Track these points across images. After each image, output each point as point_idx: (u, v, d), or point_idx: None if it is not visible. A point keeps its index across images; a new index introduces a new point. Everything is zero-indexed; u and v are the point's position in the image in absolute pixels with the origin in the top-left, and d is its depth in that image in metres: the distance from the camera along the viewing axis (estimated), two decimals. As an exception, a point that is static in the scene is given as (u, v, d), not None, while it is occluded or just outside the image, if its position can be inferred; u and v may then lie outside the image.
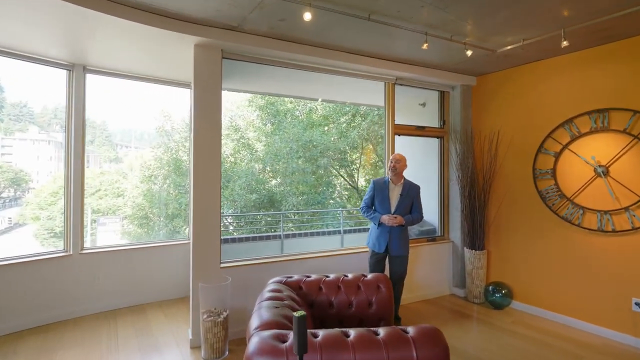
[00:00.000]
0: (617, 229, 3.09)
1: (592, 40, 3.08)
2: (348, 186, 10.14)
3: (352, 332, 1.60)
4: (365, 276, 2.57)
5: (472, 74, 4.14)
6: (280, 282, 2.42)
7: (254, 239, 4.63)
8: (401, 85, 4.04)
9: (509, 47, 3.20)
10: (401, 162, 3.22)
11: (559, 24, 2.76)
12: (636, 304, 2.99)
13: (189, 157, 4.36)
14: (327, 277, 2.55)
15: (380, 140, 9.41)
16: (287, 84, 4.25)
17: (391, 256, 3.22)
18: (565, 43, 2.81)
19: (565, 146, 3.43)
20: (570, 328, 3.34)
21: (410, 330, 1.63)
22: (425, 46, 2.85)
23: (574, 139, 3.37)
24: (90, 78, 3.63)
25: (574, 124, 3.37)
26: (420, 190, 3.29)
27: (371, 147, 9.64)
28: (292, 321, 1.83)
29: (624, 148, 3.06)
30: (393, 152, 3.97)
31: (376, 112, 9.04)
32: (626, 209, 3.04)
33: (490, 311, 3.79)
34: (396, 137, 4.03)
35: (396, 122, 4.02)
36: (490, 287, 3.88)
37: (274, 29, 2.87)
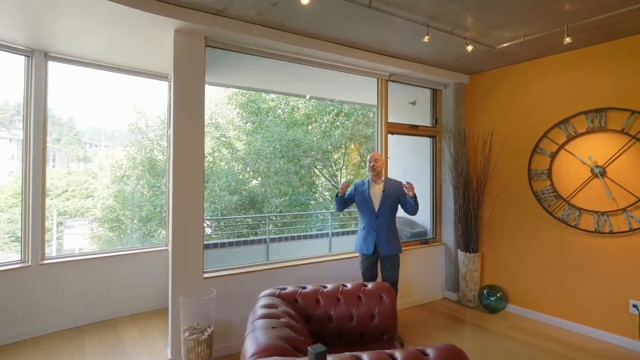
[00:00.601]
0: (614, 230, 3.05)
1: (593, 38, 3.01)
2: (330, 186, 9.95)
3: (366, 357, 1.39)
4: (366, 285, 2.37)
5: (465, 72, 4.04)
6: (273, 295, 2.17)
7: (237, 243, 4.33)
8: (394, 82, 3.88)
9: (508, 44, 3.09)
10: (379, 161, 3.09)
11: (562, 19, 2.67)
12: (633, 306, 2.95)
13: (167, 155, 4.02)
14: (325, 287, 2.33)
15: (364, 140, 9.29)
16: (274, 79, 3.99)
17: (381, 257, 3.04)
18: (568, 39, 2.72)
19: (562, 146, 3.36)
20: (567, 331, 3.28)
21: (430, 352, 1.43)
22: (426, 39, 2.69)
23: (570, 139, 3.31)
24: (53, 66, 3.24)
25: (570, 123, 3.31)
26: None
27: (353, 147, 9.50)
28: (293, 344, 1.59)
29: (621, 148, 3.01)
30: (386, 151, 3.80)
31: (360, 112, 8.91)
32: (624, 210, 2.99)
33: (485, 315, 3.68)
34: (388, 136, 3.85)
35: (388, 121, 3.84)
36: (485, 291, 3.78)
37: (263, 14, 2.61)
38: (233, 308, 2.84)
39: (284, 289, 2.27)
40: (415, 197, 2.91)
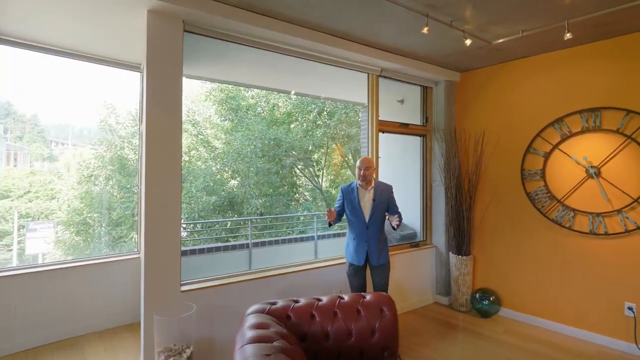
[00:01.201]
0: (609, 231, 2.99)
1: (589, 35, 2.94)
2: (311, 187, 9.73)
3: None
4: (365, 297, 2.16)
5: (456, 69, 3.92)
6: (262, 311, 1.92)
7: (217, 249, 4.01)
8: (385, 78, 3.70)
9: (505, 39, 2.98)
10: (371, 168, 2.84)
11: (563, 14, 2.57)
12: (629, 308, 2.90)
13: (139, 154, 3.66)
14: (320, 300, 2.10)
15: (346, 140, 9.13)
16: (257, 72, 3.71)
17: (372, 266, 2.85)
18: (568, 35, 2.62)
19: (556, 146, 3.29)
20: (562, 335, 3.21)
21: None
22: (425, 30, 2.51)
23: (564, 138, 3.24)
24: (3, 50, 2.83)
25: (564, 123, 3.24)
26: (395, 189, 2.96)
27: (335, 146, 9.32)
28: (291, 376, 1.36)
29: (616, 148, 2.96)
30: (377, 151, 3.61)
31: (343, 111, 8.73)
32: (619, 211, 2.94)
33: (478, 320, 3.57)
34: (379, 135, 3.67)
35: (379, 119, 3.66)
36: (477, 295, 3.67)
37: (250, -2, 2.35)
38: (216, 325, 2.56)
39: (274, 303, 2.03)
40: (399, 222, 2.73)
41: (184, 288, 2.48)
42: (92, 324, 3.18)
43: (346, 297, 2.15)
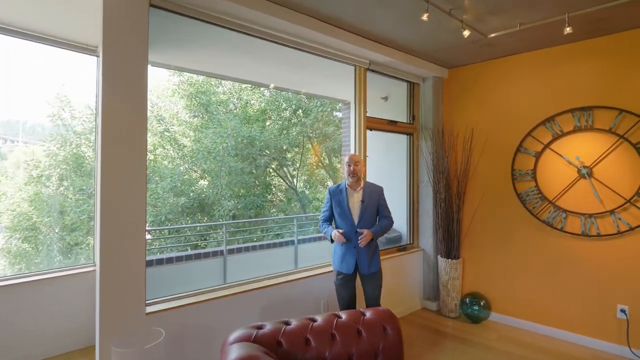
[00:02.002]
0: (602, 233, 2.94)
1: (584, 32, 2.86)
2: (284, 187, 9.40)
3: None
4: (364, 314, 1.90)
5: (445, 65, 3.77)
6: (248, 338, 1.60)
7: (187, 258, 3.60)
8: (373, 72, 3.47)
9: (501, 32, 2.83)
10: (360, 163, 2.64)
11: (564, 7, 2.44)
12: (621, 310, 2.86)
13: (95, 150, 3.19)
14: (314, 320, 1.81)
15: (323, 138, 8.88)
16: (234, 61, 3.37)
17: (362, 274, 2.61)
18: (568, 29, 2.51)
19: (547, 145, 3.21)
20: (554, 340, 3.13)
21: None
22: (425, 16, 2.29)
23: (556, 138, 3.16)
24: None
25: (556, 122, 3.16)
26: (384, 190, 2.75)
27: (311, 145, 9.06)
28: None
29: (609, 148, 2.91)
30: (365, 149, 3.38)
31: (320, 109, 8.48)
32: (611, 212, 2.89)
33: (468, 326, 3.43)
34: (367, 132, 3.44)
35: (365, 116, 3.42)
36: (467, 299, 3.54)
37: (230, -31, 2.02)
38: (189, 354, 2.20)
39: (261, 327, 1.72)
40: (372, 237, 2.56)
41: (149, 309, 2.10)
42: (41, 350, 2.69)
43: (344, 316, 1.87)
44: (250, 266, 4.01)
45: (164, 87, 9.36)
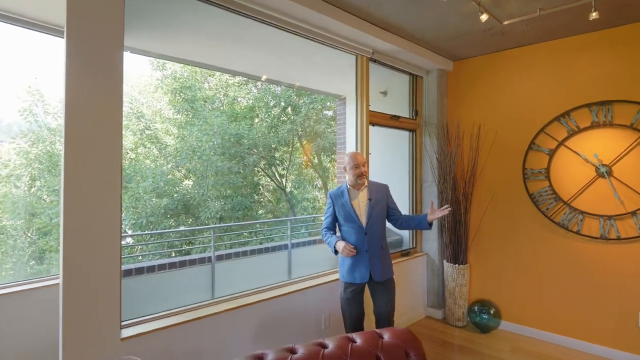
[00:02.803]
0: (622, 236, 2.74)
1: (606, 20, 2.66)
2: (272, 188, 9.07)
3: None
4: (382, 337, 1.62)
5: (451, 57, 3.53)
6: (247, 375, 1.30)
7: (171, 266, 3.24)
8: (375, 62, 3.19)
9: (518, 19, 2.60)
10: (366, 162, 2.45)
11: (591, -12, 2.23)
12: (643, 319, 2.67)
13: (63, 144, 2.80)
14: (325, 346, 1.52)
15: (313, 136, 8.59)
16: (222, 49, 3.04)
17: (375, 283, 2.33)
18: (594, 15, 2.29)
19: (562, 142, 3.00)
20: (570, 350, 2.92)
21: None
22: (444, -6, 2.03)
23: (571, 134, 2.96)
24: None
25: (571, 117, 2.96)
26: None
27: (302, 143, 8.76)
28: None
29: (630, 145, 2.72)
30: (367, 146, 3.10)
31: (311, 106, 8.18)
32: (633, 213, 2.70)
33: (477, 336, 3.20)
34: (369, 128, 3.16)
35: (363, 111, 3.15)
36: (476, 307, 3.30)
37: None
38: (171, 379, 1.87)
39: (263, 357, 1.41)
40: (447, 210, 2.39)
41: (125, 333, 1.76)
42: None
43: (358, 340, 1.58)
44: (241, 274, 3.67)
45: (146, 83, 8.90)
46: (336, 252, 2.33)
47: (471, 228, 3.47)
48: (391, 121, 3.41)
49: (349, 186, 2.39)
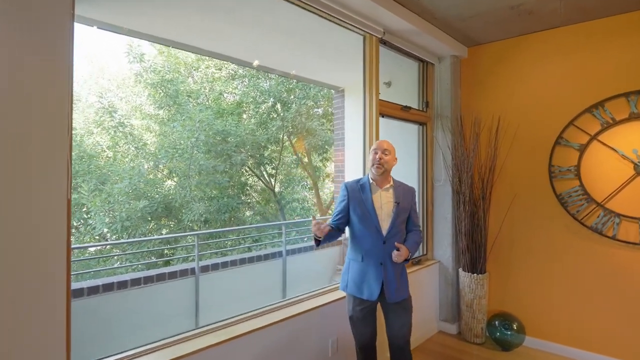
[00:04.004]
0: (666, 242, 2.43)
1: (649, -5, 2.34)
2: (261, 188, 8.60)
3: None
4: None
5: (466, 41, 3.17)
6: None
7: (147, 280, 2.74)
8: (385, 45, 2.80)
9: (556, -9, 2.25)
10: (391, 153, 1.98)
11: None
12: (691, 336, 2.36)
13: None
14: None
15: (304, 134, 8.16)
16: (208, 26, 2.58)
17: (387, 304, 1.93)
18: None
19: (594, 137, 2.68)
20: (606, 371, 2.59)
21: None
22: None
23: (605, 127, 2.63)
24: None
25: (605, 108, 2.64)
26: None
27: (293, 141, 8.31)
28: None
29: (675, 139, 2.41)
30: (377, 138, 2.70)
31: (302, 101, 7.75)
32: (679, 216, 2.39)
33: (498, 354, 2.85)
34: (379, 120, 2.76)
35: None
36: (496, 321, 2.95)
37: None
38: None
39: None
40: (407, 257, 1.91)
41: (75, 388, 1.28)
42: None
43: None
44: (230, 290, 3.19)
45: (125, 76, 8.30)
46: (316, 242, 1.83)
47: (491, 233, 3.11)
48: (402, 112, 3.02)
49: (371, 180, 1.97)
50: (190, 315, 2.83)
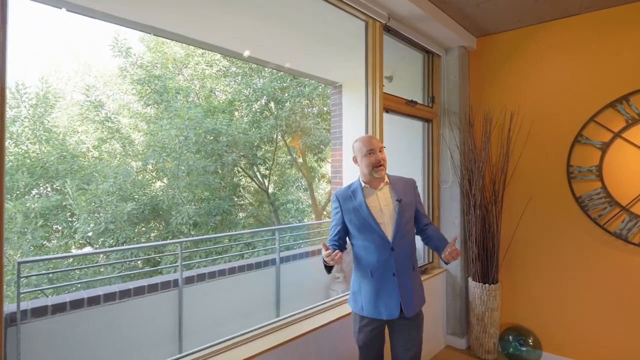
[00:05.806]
0: (700, 250, 2.20)
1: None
2: (254, 189, 8.31)
3: None
4: None
5: (475, 30, 2.92)
6: None
7: (123, 294, 2.42)
8: (389, 32, 2.54)
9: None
10: (383, 151, 1.74)
11: None
12: None
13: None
14: None
15: (299, 134, 7.88)
16: (194, 11, 2.29)
17: (400, 321, 1.66)
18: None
19: (618, 134, 2.44)
20: (633, 393, 2.36)
21: None
22: None
23: (631, 124, 2.40)
24: None
25: (631, 103, 2.40)
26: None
27: (287, 140, 8.03)
28: None
29: None
30: (381, 137, 2.44)
31: (297, 99, 7.47)
32: None
33: (513, 373, 2.59)
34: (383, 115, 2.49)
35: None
36: (510, 336, 2.70)
37: None
38: None
39: None
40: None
41: None
42: None
43: None
44: (219, 304, 2.89)
45: (112, 73, 7.96)
46: (327, 268, 1.62)
47: (502, 239, 2.86)
48: (407, 108, 2.76)
49: (363, 183, 1.71)
50: (173, 338, 2.52)
